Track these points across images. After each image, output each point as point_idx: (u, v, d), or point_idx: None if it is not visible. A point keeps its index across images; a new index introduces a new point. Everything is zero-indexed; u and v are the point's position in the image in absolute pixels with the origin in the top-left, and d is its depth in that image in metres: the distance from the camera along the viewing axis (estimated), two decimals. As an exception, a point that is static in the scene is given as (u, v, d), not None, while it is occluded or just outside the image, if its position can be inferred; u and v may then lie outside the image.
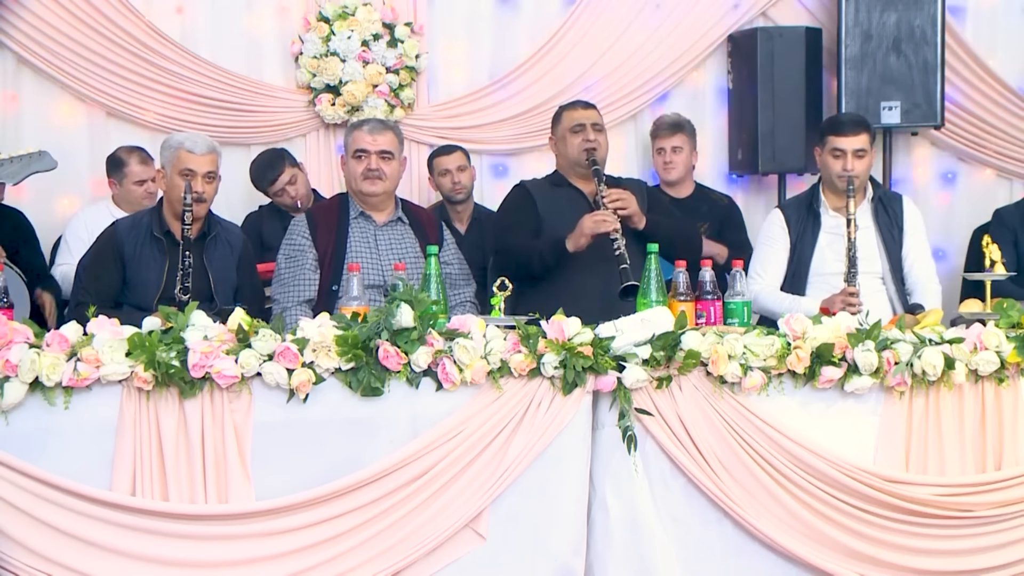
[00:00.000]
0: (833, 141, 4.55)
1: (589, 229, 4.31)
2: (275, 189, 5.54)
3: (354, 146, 4.42)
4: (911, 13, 5.87)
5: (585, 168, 4.51)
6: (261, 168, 5.61)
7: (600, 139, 4.56)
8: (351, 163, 4.43)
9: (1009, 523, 3.69)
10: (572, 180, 4.60)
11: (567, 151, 4.58)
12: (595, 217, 4.32)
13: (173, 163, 4.22)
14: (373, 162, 4.39)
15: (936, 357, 3.59)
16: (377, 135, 4.42)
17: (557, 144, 4.65)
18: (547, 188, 4.63)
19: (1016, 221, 5.21)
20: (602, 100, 6.07)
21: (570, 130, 4.56)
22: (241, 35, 6.00)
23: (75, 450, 3.31)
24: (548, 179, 4.70)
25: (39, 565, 3.26)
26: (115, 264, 4.23)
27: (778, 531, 3.57)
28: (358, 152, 4.41)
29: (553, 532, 3.53)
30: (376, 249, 4.40)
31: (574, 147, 4.54)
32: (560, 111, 4.68)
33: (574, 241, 4.34)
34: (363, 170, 4.39)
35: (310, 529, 3.36)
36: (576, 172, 4.58)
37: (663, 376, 3.52)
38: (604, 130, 4.63)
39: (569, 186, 4.59)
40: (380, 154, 4.40)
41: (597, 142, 4.53)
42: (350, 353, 3.36)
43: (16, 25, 5.72)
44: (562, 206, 4.52)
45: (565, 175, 4.64)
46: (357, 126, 4.51)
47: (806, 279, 4.60)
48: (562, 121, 4.62)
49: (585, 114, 4.59)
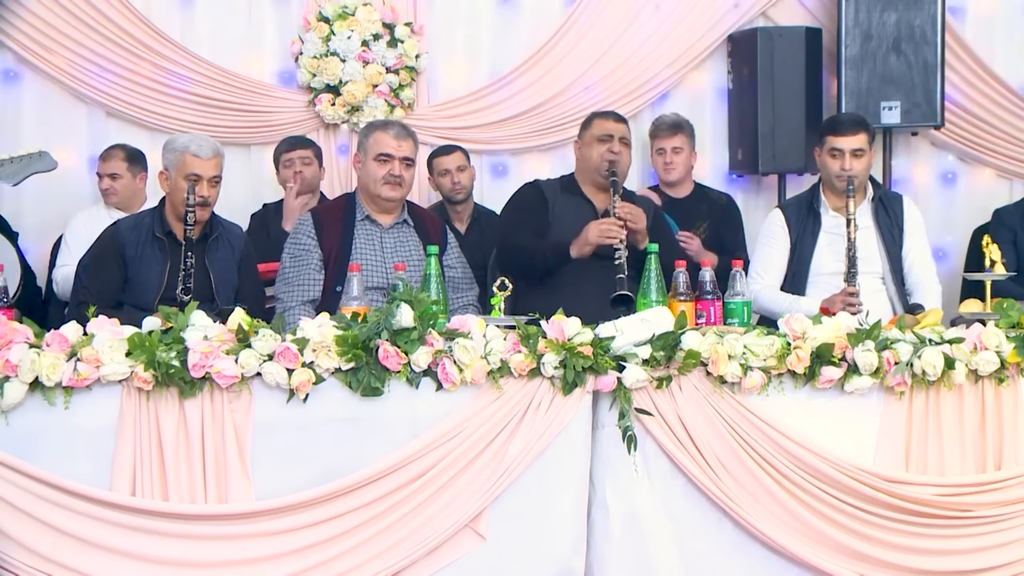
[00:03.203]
0: (831, 141, 4.56)
1: (594, 238, 4.29)
2: (289, 158, 5.57)
3: (377, 149, 4.38)
4: (911, 13, 5.87)
5: (603, 178, 4.49)
6: (293, 136, 5.72)
7: (624, 153, 4.54)
8: (372, 165, 4.38)
9: (1009, 523, 3.68)
10: (585, 188, 4.59)
11: (590, 157, 4.55)
12: (601, 227, 4.29)
13: (178, 166, 4.22)
14: (397, 168, 4.36)
15: (936, 357, 3.59)
16: (402, 141, 4.40)
17: (582, 148, 4.62)
18: (558, 191, 4.61)
19: (1016, 221, 5.21)
20: (602, 100, 6.09)
21: (598, 138, 4.54)
22: (241, 35, 6.00)
23: (75, 450, 3.31)
24: (560, 183, 4.68)
25: (39, 565, 3.27)
26: (116, 264, 4.23)
27: (778, 531, 3.57)
28: (382, 156, 4.36)
29: (553, 532, 3.53)
30: (381, 251, 4.39)
31: (598, 155, 4.51)
32: (592, 117, 4.67)
33: (578, 248, 4.33)
34: (385, 175, 4.36)
35: (310, 529, 3.37)
36: (592, 180, 4.56)
37: (663, 376, 3.52)
38: (630, 146, 4.62)
39: (581, 195, 4.58)
40: (403, 160, 4.38)
41: (621, 155, 4.52)
42: (350, 353, 3.36)
43: (16, 25, 5.73)
44: (569, 213, 4.51)
45: (580, 181, 4.62)
46: (380, 127, 4.46)
47: (806, 279, 4.60)
48: (592, 127, 4.60)
49: (616, 127, 4.57)
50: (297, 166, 5.56)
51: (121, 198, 5.40)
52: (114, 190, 5.40)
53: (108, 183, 5.40)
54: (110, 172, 5.39)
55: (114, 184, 5.39)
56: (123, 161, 5.40)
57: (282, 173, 5.61)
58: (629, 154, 4.61)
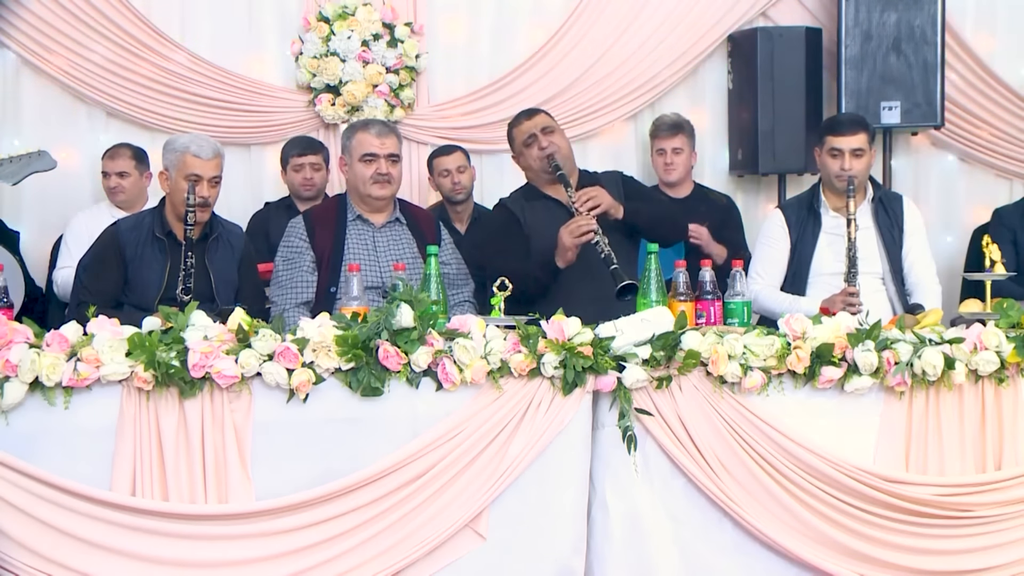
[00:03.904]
0: (831, 141, 4.55)
1: (569, 241, 4.28)
2: (300, 162, 5.59)
3: (361, 149, 4.38)
4: (911, 13, 5.87)
5: (550, 175, 4.50)
6: (304, 139, 5.74)
7: (555, 140, 4.52)
8: (358, 166, 4.38)
9: (1009, 523, 3.69)
10: (545, 189, 4.58)
11: (529, 164, 4.57)
12: (570, 228, 4.28)
13: (178, 167, 4.22)
14: (383, 166, 4.37)
15: (936, 357, 3.59)
16: (384, 138, 4.40)
17: (519, 160, 4.64)
18: (524, 203, 4.60)
19: (1016, 221, 5.21)
20: (602, 100, 6.11)
21: (524, 144, 4.55)
22: (241, 35, 6.00)
23: (75, 450, 3.31)
24: (523, 193, 4.65)
25: (39, 565, 3.26)
26: (116, 264, 4.23)
27: (778, 531, 3.57)
28: (367, 156, 4.37)
29: (553, 532, 3.53)
30: (374, 250, 4.39)
31: (533, 159, 4.53)
32: (509, 129, 4.66)
33: (561, 257, 4.32)
34: (373, 174, 4.36)
35: (310, 529, 3.36)
36: (545, 180, 4.56)
37: (663, 376, 3.52)
38: (556, 130, 4.58)
39: (544, 197, 4.57)
40: (388, 157, 4.39)
41: (552, 144, 4.50)
42: (350, 353, 3.36)
43: (16, 25, 5.73)
44: (541, 219, 4.49)
45: (537, 186, 4.62)
46: (361, 128, 4.46)
47: (806, 279, 4.60)
48: (515, 138, 4.61)
49: (531, 124, 4.57)
50: (308, 172, 5.57)
51: (128, 196, 5.42)
52: (122, 188, 5.41)
53: (116, 181, 5.41)
54: (119, 170, 5.41)
55: (122, 182, 5.41)
56: (131, 159, 5.43)
57: (290, 176, 5.61)
58: (561, 137, 4.57)
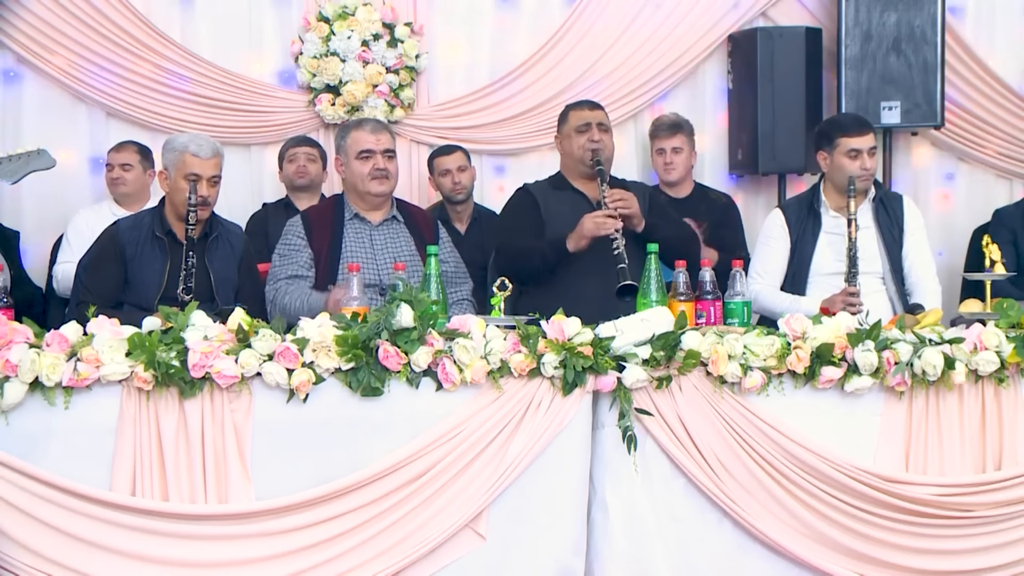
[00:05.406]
0: (848, 142, 4.53)
1: (589, 231, 4.29)
2: (294, 152, 5.61)
3: (357, 147, 4.40)
4: (911, 13, 5.87)
5: (589, 168, 4.49)
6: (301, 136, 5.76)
7: (605, 139, 4.54)
8: (355, 164, 4.40)
9: (1009, 523, 3.69)
10: (575, 182, 4.59)
11: (572, 150, 4.56)
12: (596, 218, 4.30)
13: (178, 166, 4.22)
14: (380, 162, 4.39)
15: (936, 357, 3.59)
16: (379, 134, 4.43)
17: (562, 143, 4.62)
18: (549, 191, 4.61)
19: (1016, 221, 5.21)
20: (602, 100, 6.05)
21: (576, 129, 4.54)
22: (241, 35, 6.00)
23: (75, 450, 3.31)
24: (550, 181, 4.68)
25: (39, 565, 3.26)
26: (116, 264, 4.23)
27: (778, 531, 3.57)
28: (364, 153, 4.39)
29: (553, 532, 3.53)
30: (372, 249, 4.40)
31: (579, 146, 4.52)
32: (567, 110, 4.66)
33: (574, 241, 4.33)
34: (370, 170, 4.38)
35: (310, 529, 3.36)
36: (579, 172, 4.56)
37: (663, 376, 3.52)
38: (610, 131, 4.61)
39: (572, 189, 4.58)
40: (384, 153, 4.41)
41: (602, 142, 4.51)
42: (350, 353, 3.36)
43: (16, 25, 5.73)
44: (564, 209, 4.50)
45: (568, 176, 4.62)
46: (355, 126, 4.49)
47: (806, 279, 4.60)
48: (568, 120, 4.60)
49: (592, 114, 4.57)
50: (302, 160, 5.59)
51: (130, 189, 5.42)
52: (124, 180, 5.41)
53: (119, 172, 5.42)
54: (123, 162, 5.42)
55: (125, 175, 5.41)
56: (136, 154, 5.46)
57: (286, 168, 5.62)
58: (611, 139, 4.59)
